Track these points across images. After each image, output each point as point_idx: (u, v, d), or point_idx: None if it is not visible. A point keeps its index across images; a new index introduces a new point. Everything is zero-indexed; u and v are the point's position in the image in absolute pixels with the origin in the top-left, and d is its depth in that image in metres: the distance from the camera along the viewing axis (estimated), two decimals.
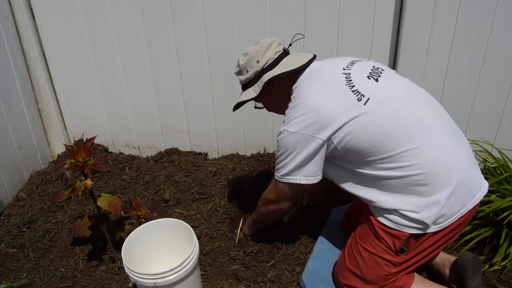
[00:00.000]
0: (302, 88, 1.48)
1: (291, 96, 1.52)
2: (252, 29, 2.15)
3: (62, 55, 2.47)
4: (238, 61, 1.61)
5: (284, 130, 1.45)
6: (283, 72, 1.51)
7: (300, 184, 1.50)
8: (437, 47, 2.03)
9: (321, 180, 1.53)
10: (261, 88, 1.55)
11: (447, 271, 1.63)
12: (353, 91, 1.40)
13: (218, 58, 2.27)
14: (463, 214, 1.41)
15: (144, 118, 2.58)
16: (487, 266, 1.75)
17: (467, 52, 2.03)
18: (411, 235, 1.42)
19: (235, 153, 2.59)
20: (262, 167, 2.44)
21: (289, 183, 1.52)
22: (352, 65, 1.49)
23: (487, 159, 2.02)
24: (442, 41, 2.02)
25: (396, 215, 1.42)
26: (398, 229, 1.42)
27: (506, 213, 1.71)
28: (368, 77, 1.44)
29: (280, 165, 1.51)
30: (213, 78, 2.35)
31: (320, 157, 1.45)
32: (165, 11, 2.20)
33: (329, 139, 1.40)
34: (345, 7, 2.03)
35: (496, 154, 2.04)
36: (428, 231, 1.41)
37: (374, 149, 1.38)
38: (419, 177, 1.36)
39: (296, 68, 1.51)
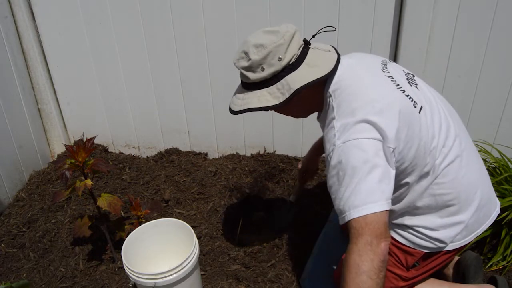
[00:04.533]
0: (348, 91, 1.21)
1: (333, 103, 1.22)
2: (252, 29, 2.14)
3: (62, 55, 2.47)
4: (246, 53, 1.24)
5: (345, 142, 1.12)
6: (317, 78, 1.20)
7: (385, 211, 1.09)
8: (437, 47, 2.03)
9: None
10: (287, 96, 1.21)
11: (450, 270, 1.63)
12: (406, 95, 1.21)
13: (218, 58, 2.27)
14: (478, 234, 1.37)
15: (144, 118, 2.58)
16: (487, 266, 1.75)
17: (467, 52, 2.03)
18: (425, 253, 1.36)
19: (235, 153, 2.59)
20: (262, 167, 2.44)
21: (373, 213, 1.07)
22: (386, 67, 1.30)
23: (487, 159, 2.02)
24: (442, 41, 2.02)
25: (413, 233, 1.34)
26: (413, 248, 1.36)
27: (506, 213, 1.71)
28: (409, 83, 1.27)
29: (349, 191, 1.10)
30: (213, 78, 2.35)
31: (393, 167, 1.14)
32: (165, 11, 2.20)
33: (391, 139, 1.13)
34: (345, 7, 2.03)
35: (496, 154, 2.04)
36: (444, 249, 1.35)
37: (420, 164, 1.21)
38: (449, 196, 1.27)
39: (329, 73, 1.22)
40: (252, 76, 1.25)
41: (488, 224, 1.38)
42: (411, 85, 1.28)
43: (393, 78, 1.25)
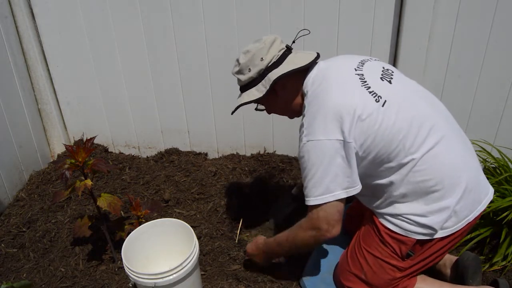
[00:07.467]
0: (316, 91, 1.39)
1: (305, 102, 1.43)
2: (252, 28, 2.15)
3: (62, 55, 2.47)
4: (237, 60, 1.50)
5: (308, 140, 1.33)
6: (293, 69, 1.41)
7: (341, 199, 1.34)
8: (437, 47, 2.03)
9: None
10: (268, 88, 1.44)
11: (448, 271, 1.63)
12: (370, 92, 1.35)
13: (218, 58, 2.27)
14: (470, 220, 1.39)
15: (144, 118, 2.58)
16: (487, 266, 1.75)
17: (467, 52, 2.03)
18: (418, 240, 1.40)
19: (235, 153, 2.59)
20: (262, 167, 2.44)
21: (328, 202, 1.33)
22: (362, 65, 1.43)
23: (487, 159, 2.02)
24: (442, 41, 2.02)
25: (403, 220, 1.40)
26: (405, 235, 1.40)
27: (506, 213, 1.71)
28: (381, 78, 1.40)
29: (312, 183, 1.34)
30: (213, 78, 2.35)
31: (353, 161, 1.33)
32: (165, 12, 2.20)
33: (351, 137, 1.30)
34: (345, 6, 2.03)
35: (496, 154, 2.04)
36: (435, 236, 1.39)
37: (392, 154, 1.33)
38: (431, 182, 1.34)
39: (305, 65, 1.43)
40: (243, 77, 1.50)
41: (479, 210, 1.40)
42: (383, 80, 1.40)
43: (362, 75, 1.39)
